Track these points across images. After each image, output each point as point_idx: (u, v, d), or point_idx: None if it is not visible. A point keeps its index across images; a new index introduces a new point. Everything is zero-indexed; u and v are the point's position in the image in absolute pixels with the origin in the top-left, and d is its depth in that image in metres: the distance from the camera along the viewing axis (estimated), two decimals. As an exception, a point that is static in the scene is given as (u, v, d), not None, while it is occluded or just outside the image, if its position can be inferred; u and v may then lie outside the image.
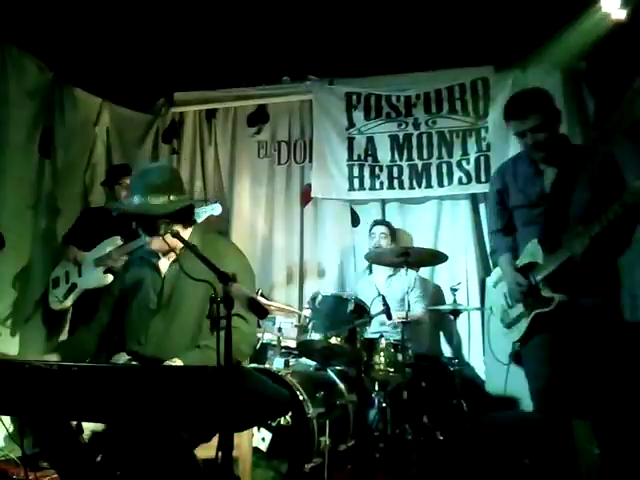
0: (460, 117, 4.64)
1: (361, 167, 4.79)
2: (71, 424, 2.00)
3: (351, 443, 3.39)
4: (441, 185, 4.63)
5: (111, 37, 4.21)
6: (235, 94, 5.12)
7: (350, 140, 4.83)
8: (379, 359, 3.55)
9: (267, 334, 3.89)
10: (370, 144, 4.80)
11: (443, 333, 4.46)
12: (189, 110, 5.22)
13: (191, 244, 2.09)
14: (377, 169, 4.76)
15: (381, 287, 4.22)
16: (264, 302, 3.90)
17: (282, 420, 3.08)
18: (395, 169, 4.73)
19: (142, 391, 1.67)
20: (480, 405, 3.81)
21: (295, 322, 3.99)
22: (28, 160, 4.36)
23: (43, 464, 2.71)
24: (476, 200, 4.67)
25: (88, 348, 2.37)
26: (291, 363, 3.74)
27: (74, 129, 4.74)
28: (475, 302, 4.41)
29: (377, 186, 4.75)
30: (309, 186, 4.90)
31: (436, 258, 3.99)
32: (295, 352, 3.83)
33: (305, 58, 4.66)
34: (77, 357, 2.28)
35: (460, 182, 4.59)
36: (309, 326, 3.51)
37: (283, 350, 3.78)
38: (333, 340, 3.41)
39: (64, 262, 4.05)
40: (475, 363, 4.35)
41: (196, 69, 4.77)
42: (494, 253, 2.94)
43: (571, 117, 4.29)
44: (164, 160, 5.13)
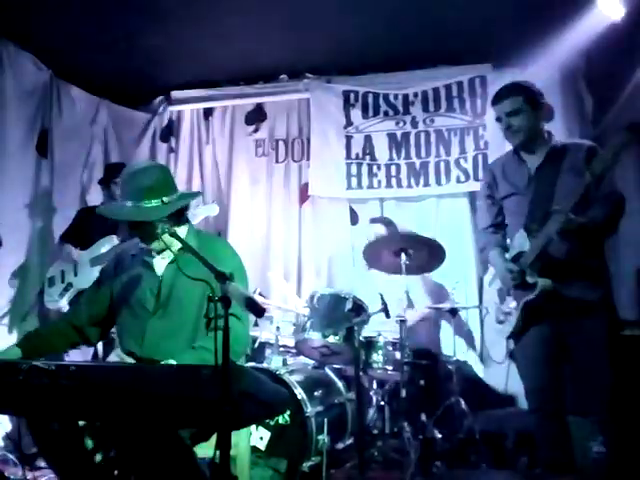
0: (458, 115, 4.64)
1: (359, 165, 4.78)
2: (70, 424, 2.00)
3: (349, 441, 3.39)
4: (439, 183, 4.63)
5: (109, 36, 4.20)
6: (232, 93, 5.11)
7: (348, 138, 4.83)
8: (377, 357, 3.56)
9: (265, 333, 3.89)
10: (368, 142, 4.79)
11: (441, 331, 4.46)
12: (186, 109, 5.21)
13: (183, 244, 2.09)
14: (375, 167, 4.76)
15: (381, 284, 4.20)
16: (262, 301, 3.90)
17: (280, 419, 3.07)
18: (393, 167, 4.73)
19: (140, 390, 1.67)
20: (478, 403, 3.81)
21: (293, 321, 3.98)
22: (25, 159, 4.36)
23: (41, 464, 2.71)
24: (474, 198, 4.65)
25: (58, 340, 2.33)
26: (289, 362, 3.74)
27: (71, 128, 4.74)
28: (473, 300, 4.41)
29: (375, 184, 4.75)
30: (307, 184, 4.90)
31: (435, 258, 3.95)
32: (293, 351, 3.82)
33: (302, 56, 4.65)
34: (45, 346, 2.26)
35: (458, 180, 4.59)
36: (307, 325, 3.51)
37: (281, 349, 3.77)
38: (331, 339, 3.41)
39: (60, 261, 4.04)
40: (473, 361, 4.35)
41: (193, 67, 4.76)
42: (483, 250, 2.93)
43: (569, 115, 4.30)
44: (160, 159, 5.13)
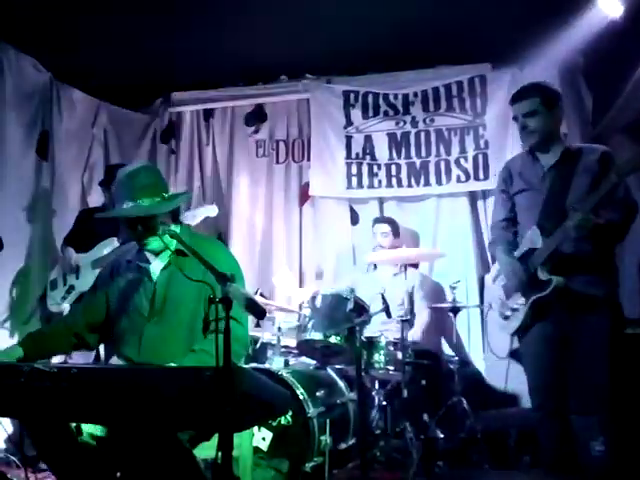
0: (458, 115, 4.64)
1: (359, 165, 4.78)
2: (70, 426, 2.00)
3: (351, 442, 3.38)
4: (439, 183, 4.63)
5: (108, 37, 4.20)
6: (232, 94, 5.12)
7: (348, 138, 4.83)
8: (379, 357, 3.55)
9: (267, 334, 3.89)
10: (368, 142, 4.79)
11: (443, 331, 4.45)
12: (187, 110, 5.21)
13: (183, 245, 2.09)
14: (375, 167, 4.76)
15: (386, 285, 4.21)
16: (263, 302, 3.90)
17: (282, 419, 3.07)
18: (393, 167, 4.73)
19: (141, 392, 1.67)
20: (480, 403, 3.80)
21: (295, 321, 3.98)
22: (25, 161, 4.35)
23: (43, 466, 2.71)
24: (474, 198, 4.67)
25: (60, 341, 2.34)
26: (291, 362, 3.73)
27: (71, 130, 4.74)
28: (474, 300, 4.41)
29: (375, 184, 4.75)
30: (307, 185, 4.90)
31: (436, 257, 4.00)
32: (295, 351, 3.82)
33: (302, 57, 4.65)
34: (48, 347, 2.28)
35: (458, 180, 4.59)
36: (309, 325, 3.50)
37: (283, 349, 3.77)
38: (333, 339, 3.40)
39: (62, 264, 4.05)
40: (475, 360, 4.35)
41: (193, 69, 4.77)
42: (492, 245, 2.96)
43: (568, 114, 4.29)
44: (161, 161, 5.16)
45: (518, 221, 2.83)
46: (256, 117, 5.09)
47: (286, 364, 3.63)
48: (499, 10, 3.85)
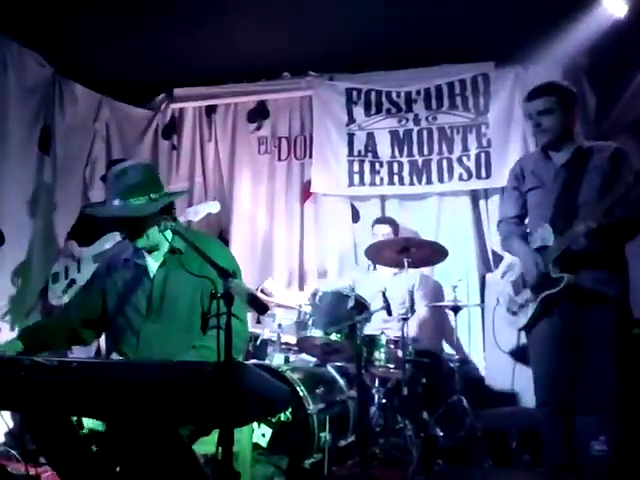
0: (461, 113, 4.63)
1: (361, 163, 4.78)
2: (71, 420, 2.00)
3: (351, 439, 3.39)
4: (441, 181, 4.62)
5: (110, 32, 4.20)
6: (235, 90, 5.11)
7: (350, 136, 4.82)
8: (379, 355, 3.56)
9: (267, 330, 3.89)
10: (370, 140, 4.79)
11: (443, 330, 4.45)
12: (189, 106, 5.20)
13: (185, 241, 2.09)
14: (377, 165, 4.75)
15: (387, 283, 4.20)
16: (264, 298, 3.90)
17: (282, 416, 3.07)
18: (395, 165, 4.72)
19: (142, 387, 1.67)
20: (480, 401, 3.80)
21: (295, 318, 3.98)
22: (28, 156, 4.36)
23: (43, 460, 2.71)
24: (476, 196, 4.66)
25: (56, 336, 2.35)
26: (291, 359, 3.74)
27: (74, 125, 4.74)
28: (475, 298, 4.41)
29: (377, 182, 4.74)
30: (309, 182, 4.90)
31: (437, 255, 3.97)
32: (295, 348, 3.82)
33: (305, 54, 4.64)
34: (46, 341, 2.30)
35: (460, 178, 4.58)
36: (309, 322, 3.51)
37: (283, 346, 3.77)
38: (333, 336, 3.41)
39: (64, 258, 4.06)
40: (475, 359, 4.35)
41: (196, 65, 4.76)
42: (506, 239, 2.94)
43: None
44: (162, 157, 5.14)
45: (528, 218, 2.83)
46: (258, 114, 5.08)
47: (286, 361, 3.63)
48: (503, 9, 3.84)
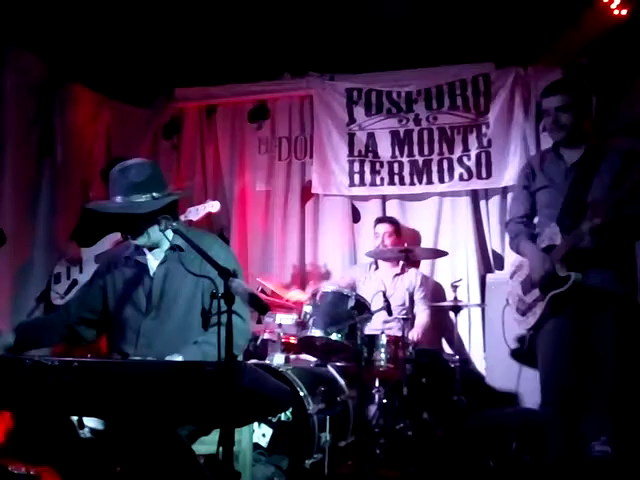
0: (461, 113, 4.63)
1: (362, 163, 4.78)
2: (71, 420, 2.00)
3: (351, 439, 3.39)
4: (442, 181, 4.62)
5: (110, 33, 4.20)
6: (235, 90, 5.10)
7: (351, 136, 4.82)
8: (379, 355, 3.56)
9: (267, 330, 3.89)
10: (371, 140, 4.79)
11: (444, 330, 4.46)
12: (189, 106, 5.21)
13: (186, 241, 2.10)
14: (378, 165, 4.75)
15: (387, 285, 4.20)
16: (264, 298, 3.90)
17: (282, 416, 3.08)
18: (396, 165, 4.72)
19: (142, 386, 1.67)
20: (480, 401, 3.80)
21: (296, 318, 3.99)
22: (28, 157, 4.36)
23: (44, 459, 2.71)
24: (477, 196, 4.66)
25: (50, 333, 2.36)
26: (292, 359, 3.74)
27: (74, 125, 4.74)
28: (476, 298, 4.41)
29: (378, 182, 4.74)
30: (310, 182, 4.90)
31: (437, 253, 4.00)
32: (296, 348, 3.82)
33: (305, 54, 4.65)
34: (39, 339, 2.31)
35: (461, 178, 4.58)
36: (309, 322, 3.51)
37: (283, 346, 3.77)
38: (333, 336, 3.40)
39: (66, 258, 4.06)
40: (476, 359, 4.35)
41: (196, 65, 4.76)
42: (514, 239, 2.93)
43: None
44: (163, 157, 5.14)
45: (537, 218, 2.82)
46: (259, 114, 5.07)
47: (287, 361, 3.63)
48: (503, 9, 3.85)
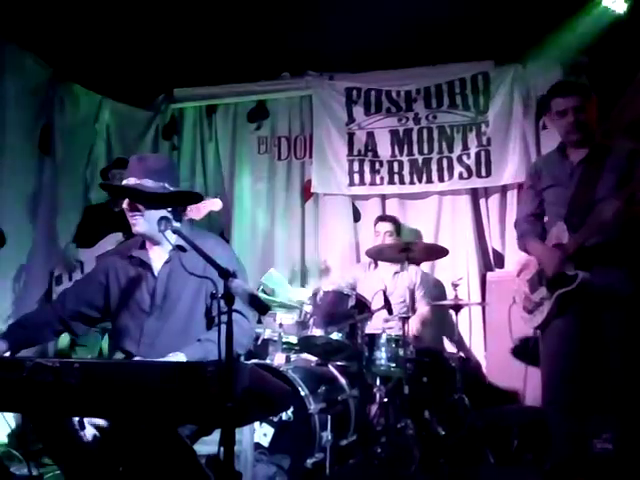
0: (460, 112, 4.63)
1: (361, 162, 4.78)
2: (73, 420, 2.00)
3: (353, 438, 3.39)
4: (441, 180, 4.63)
5: (110, 33, 4.20)
6: (235, 90, 5.11)
7: (350, 135, 4.82)
8: (380, 354, 3.56)
9: (268, 330, 3.89)
10: (370, 139, 4.79)
11: (444, 328, 4.46)
12: (189, 106, 5.21)
13: (186, 241, 2.10)
14: (377, 164, 4.75)
15: (387, 283, 4.20)
16: (265, 298, 3.90)
17: (284, 415, 3.08)
18: (395, 164, 4.72)
19: (144, 387, 1.68)
20: (481, 400, 3.81)
21: (296, 318, 3.99)
22: (28, 157, 4.36)
23: (46, 460, 2.72)
24: (476, 195, 4.66)
25: (44, 329, 2.36)
26: (292, 359, 3.74)
27: (74, 126, 4.75)
28: (476, 297, 4.41)
29: (377, 181, 4.75)
30: (310, 182, 4.90)
31: (437, 253, 4.00)
32: (296, 348, 3.82)
33: (304, 53, 4.64)
34: (30, 338, 2.30)
35: (461, 177, 4.58)
36: (310, 322, 3.51)
37: (284, 346, 3.77)
38: (334, 335, 3.40)
39: (67, 259, 4.06)
40: (476, 358, 4.35)
41: (196, 65, 4.76)
42: (521, 238, 2.94)
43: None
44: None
45: (546, 216, 2.82)
46: (258, 113, 5.08)
47: (287, 360, 3.64)
48: (503, 7, 3.84)
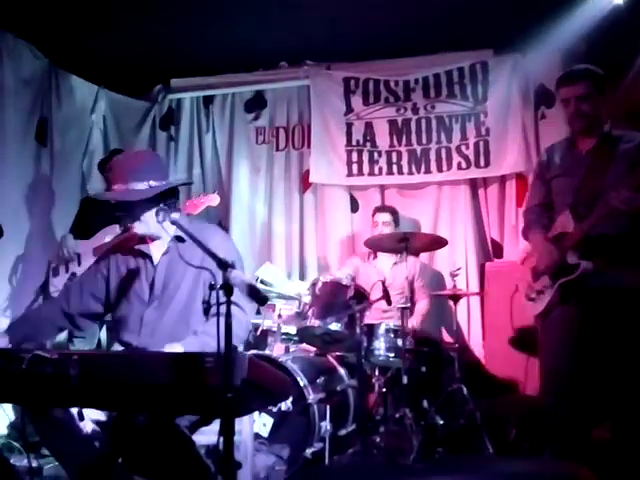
0: (459, 102, 4.61)
1: (360, 152, 4.77)
2: (72, 412, 2.01)
3: (351, 428, 3.41)
4: (440, 170, 4.61)
5: (107, 23, 4.17)
6: (232, 80, 5.08)
7: (348, 125, 4.80)
8: (379, 344, 3.56)
9: (267, 321, 3.90)
10: (369, 129, 4.77)
11: (443, 318, 4.46)
12: (186, 97, 5.18)
13: (184, 232, 2.10)
14: (376, 154, 4.74)
15: (386, 274, 4.20)
16: (263, 288, 3.90)
17: (283, 406, 3.09)
18: (394, 154, 4.71)
19: (143, 378, 1.68)
20: (479, 389, 3.82)
21: (295, 308, 3.99)
22: (25, 148, 4.34)
23: (45, 452, 2.72)
24: (475, 185, 4.65)
25: (47, 325, 2.37)
26: (291, 349, 3.75)
27: (71, 116, 4.73)
28: (474, 287, 4.42)
29: (376, 172, 4.73)
30: (308, 172, 4.89)
31: (436, 243, 4.00)
32: (295, 338, 3.83)
33: (302, 43, 4.62)
34: (33, 334, 2.30)
35: (459, 167, 4.57)
36: (309, 312, 3.51)
37: (283, 336, 3.78)
38: (333, 326, 3.41)
39: (64, 251, 4.05)
40: (475, 348, 4.36)
41: (193, 55, 4.73)
42: (525, 228, 2.93)
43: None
44: (160, 148, 5.12)
45: (554, 203, 2.80)
46: (256, 104, 5.06)
47: (286, 351, 3.64)
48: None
